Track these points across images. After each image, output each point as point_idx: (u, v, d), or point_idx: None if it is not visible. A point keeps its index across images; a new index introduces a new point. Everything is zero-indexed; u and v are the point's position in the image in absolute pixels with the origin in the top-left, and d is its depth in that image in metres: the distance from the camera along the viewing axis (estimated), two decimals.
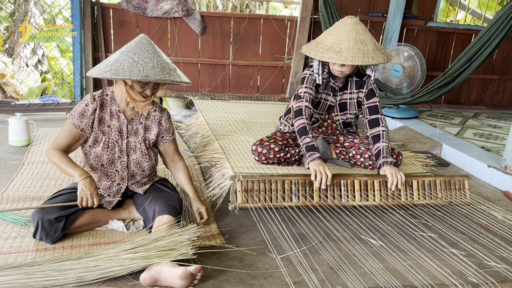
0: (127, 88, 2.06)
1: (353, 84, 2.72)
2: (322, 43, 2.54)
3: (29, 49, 7.82)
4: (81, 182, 2.00)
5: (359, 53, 2.43)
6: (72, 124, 2.10)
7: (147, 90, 2.07)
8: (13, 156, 3.20)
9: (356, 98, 2.73)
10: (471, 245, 2.19)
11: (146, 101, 2.10)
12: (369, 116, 2.67)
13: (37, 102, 4.47)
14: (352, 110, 2.76)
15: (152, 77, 1.94)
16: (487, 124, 5.04)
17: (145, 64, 1.96)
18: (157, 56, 2.03)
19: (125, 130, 2.18)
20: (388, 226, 2.35)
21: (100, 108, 2.14)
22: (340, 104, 2.76)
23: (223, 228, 2.32)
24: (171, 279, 1.72)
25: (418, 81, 4.79)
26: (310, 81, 2.65)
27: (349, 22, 2.51)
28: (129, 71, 1.93)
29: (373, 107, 2.67)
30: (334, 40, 2.50)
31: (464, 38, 5.83)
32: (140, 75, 1.92)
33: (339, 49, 2.45)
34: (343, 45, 2.46)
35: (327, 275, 1.93)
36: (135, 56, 1.98)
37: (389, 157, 2.51)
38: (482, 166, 3.41)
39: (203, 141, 3.43)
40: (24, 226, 2.17)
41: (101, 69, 2.00)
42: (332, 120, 2.82)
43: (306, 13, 5.17)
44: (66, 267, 1.75)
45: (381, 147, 2.53)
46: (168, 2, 4.88)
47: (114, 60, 1.98)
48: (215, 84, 5.35)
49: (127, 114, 2.19)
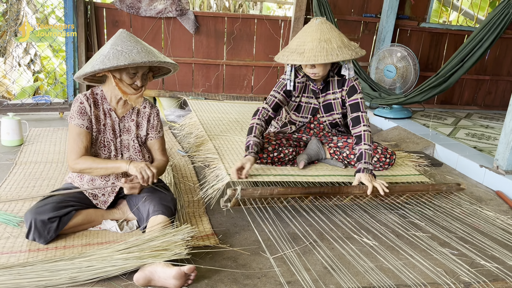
0: (116, 81, 2.06)
1: (335, 84, 2.69)
2: (289, 47, 2.54)
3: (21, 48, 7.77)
4: (131, 166, 2.04)
5: (322, 51, 2.40)
6: (76, 125, 2.09)
7: (137, 81, 2.08)
8: (5, 156, 3.18)
9: (340, 97, 2.70)
10: (462, 244, 2.21)
11: (137, 93, 2.10)
12: (351, 114, 2.62)
13: (29, 102, 4.44)
14: (338, 109, 2.74)
15: (139, 60, 1.95)
16: (479, 124, 5.08)
17: (129, 51, 1.98)
18: (139, 44, 2.05)
19: (117, 128, 2.18)
20: (381, 226, 2.36)
21: (94, 106, 2.14)
22: (325, 106, 2.74)
23: (217, 228, 2.32)
24: (165, 279, 1.72)
25: (411, 82, 4.81)
26: (280, 86, 2.67)
27: (314, 23, 2.50)
28: (115, 59, 1.94)
29: (354, 104, 2.62)
30: (299, 42, 2.49)
31: (456, 38, 5.87)
32: (127, 60, 1.94)
33: (303, 50, 2.43)
34: (307, 46, 2.44)
35: (320, 274, 1.94)
36: (118, 46, 2.01)
37: (370, 163, 2.46)
38: (475, 166, 3.44)
39: (197, 141, 3.43)
40: (16, 227, 2.15)
41: (85, 67, 2.03)
42: (318, 122, 2.82)
43: (300, 13, 5.18)
44: (59, 267, 1.74)
45: (363, 150, 2.49)
46: (162, 2, 4.87)
47: (100, 55, 2.01)
48: (209, 84, 5.34)
49: (118, 112, 2.20)
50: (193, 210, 2.50)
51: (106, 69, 1.96)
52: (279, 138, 2.73)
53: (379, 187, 2.38)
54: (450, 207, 2.61)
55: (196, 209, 2.52)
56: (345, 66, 2.57)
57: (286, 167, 2.69)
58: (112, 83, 2.09)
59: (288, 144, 2.74)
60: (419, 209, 2.59)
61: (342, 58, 2.41)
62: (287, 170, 2.63)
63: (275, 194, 2.26)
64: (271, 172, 2.57)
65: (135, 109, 2.24)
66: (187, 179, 2.95)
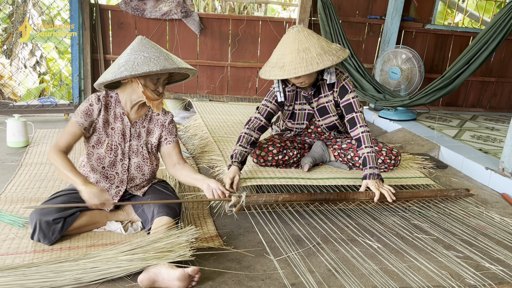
0: (143, 87, 2.05)
1: (325, 87, 2.61)
2: (270, 61, 2.47)
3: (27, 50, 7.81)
4: (86, 190, 1.95)
5: (302, 62, 2.33)
6: (76, 122, 2.09)
7: (159, 87, 2.09)
8: (11, 158, 3.20)
9: (332, 99, 2.62)
10: (467, 247, 2.20)
11: (159, 98, 2.12)
12: (346, 115, 2.56)
13: (35, 104, 4.46)
14: (333, 112, 2.66)
15: (169, 66, 1.98)
16: (484, 126, 5.05)
17: (156, 58, 2.00)
18: (163, 52, 2.07)
19: (128, 133, 2.18)
20: (385, 229, 2.35)
21: (105, 109, 2.14)
22: (320, 109, 2.67)
23: (221, 230, 2.32)
24: (169, 280, 1.72)
25: (416, 84, 4.80)
26: (271, 95, 2.60)
27: (291, 33, 2.42)
28: (146, 66, 1.95)
29: (347, 105, 2.54)
30: (279, 55, 2.42)
31: (462, 40, 5.85)
32: (158, 67, 1.95)
33: (283, 64, 2.37)
34: (286, 58, 2.37)
35: (324, 277, 1.93)
36: (145, 53, 2.01)
37: (375, 167, 2.42)
38: (480, 168, 3.42)
39: (202, 143, 3.43)
40: (22, 228, 2.16)
41: (114, 72, 1.99)
42: (315, 126, 2.78)
43: (304, 15, 5.19)
44: (64, 268, 1.75)
45: (365, 154, 2.44)
46: (167, 3, 4.89)
47: (125, 61, 1.99)
48: (213, 86, 5.35)
49: (131, 117, 2.19)
50: (198, 211, 2.50)
51: (137, 75, 1.96)
52: (283, 141, 2.73)
53: (387, 194, 2.34)
54: (455, 209, 2.60)
55: (200, 210, 2.52)
56: (327, 71, 2.48)
57: (291, 169, 2.69)
58: (130, 88, 2.09)
59: (293, 146, 2.74)
60: (423, 211, 2.57)
61: (323, 66, 2.32)
62: (291, 173, 2.63)
63: (280, 201, 2.25)
64: (275, 175, 2.57)
65: (147, 116, 2.24)
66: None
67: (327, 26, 5.00)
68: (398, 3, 5.28)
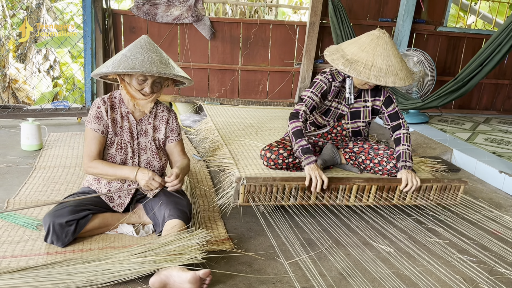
0: (125, 85, 2.12)
1: (368, 93, 2.68)
2: (359, 60, 2.42)
3: (41, 55, 7.93)
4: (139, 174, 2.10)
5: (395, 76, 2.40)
6: (92, 130, 2.13)
7: (145, 87, 2.11)
8: (25, 161, 3.24)
9: (371, 106, 2.70)
10: (481, 251, 2.17)
11: (146, 98, 2.13)
12: (390, 122, 2.72)
13: (48, 107, 4.52)
14: (365, 118, 2.72)
15: (138, 69, 1.98)
16: (498, 129, 4.99)
17: (135, 58, 2.02)
18: (151, 52, 2.07)
19: (135, 131, 2.22)
20: (397, 232, 2.33)
21: (111, 109, 2.18)
22: (352, 113, 2.72)
23: (232, 233, 2.32)
24: (180, 283, 1.73)
25: (428, 86, 4.76)
26: (318, 87, 2.60)
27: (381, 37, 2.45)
28: (117, 66, 2.00)
29: (393, 114, 2.71)
30: (365, 55, 2.41)
31: (474, 43, 5.79)
32: (126, 68, 1.98)
33: (371, 65, 2.39)
34: (377, 61, 2.40)
35: (336, 280, 1.92)
36: (128, 52, 2.06)
37: (408, 161, 2.56)
38: (494, 172, 3.38)
39: (212, 146, 3.44)
40: (35, 230, 2.19)
41: (101, 67, 2.10)
42: (342, 128, 2.79)
43: (315, 18, 5.18)
44: (77, 270, 1.76)
45: (401, 150, 2.59)
46: (178, 8, 4.92)
47: (113, 59, 2.08)
48: (224, 89, 5.37)
49: (136, 115, 2.24)
50: (208, 214, 2.51)
51: (108, 73, 2.03)
52: None
53: (410, 184, 2.47)
54: (468, 213, 2.56)
55: (211, 213, 2.52)
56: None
57: (302, 172, 2.68)
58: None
59: None
60: (436, 215, 2.55)
61: (407, 83, 2.45)
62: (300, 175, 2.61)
63: (278, 180, 2.33)
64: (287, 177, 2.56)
65: (152, 113, 2.27)
66: (202, 183, 2.96)
67: (338, 29, 4.99)
68: (409, 5, 5.25)
